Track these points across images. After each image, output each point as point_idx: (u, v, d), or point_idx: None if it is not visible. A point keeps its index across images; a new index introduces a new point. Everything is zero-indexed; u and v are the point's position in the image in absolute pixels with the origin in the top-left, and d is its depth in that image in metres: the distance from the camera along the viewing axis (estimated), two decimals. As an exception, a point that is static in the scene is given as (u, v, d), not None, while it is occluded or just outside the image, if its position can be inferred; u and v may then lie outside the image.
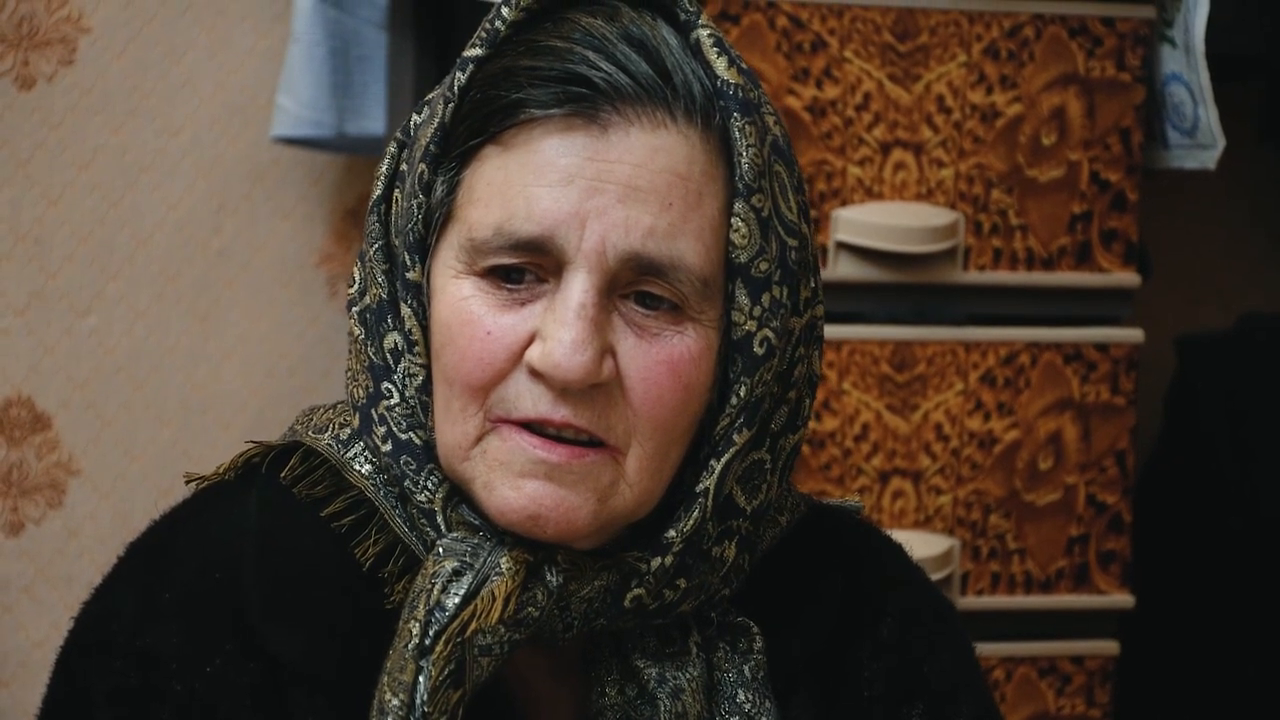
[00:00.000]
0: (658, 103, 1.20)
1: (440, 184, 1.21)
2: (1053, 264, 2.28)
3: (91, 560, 2.54)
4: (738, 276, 1.22)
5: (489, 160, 1.20)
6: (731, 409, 1.24)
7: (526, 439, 1.19)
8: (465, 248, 1.20)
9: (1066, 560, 2.29)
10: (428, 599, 1.20)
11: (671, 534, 1.23)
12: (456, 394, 1.20)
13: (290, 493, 1.27)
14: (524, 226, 1.18)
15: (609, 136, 1.19)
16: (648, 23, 1.22)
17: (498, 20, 1.22)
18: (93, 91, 2.52)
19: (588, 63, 1.19)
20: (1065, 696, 2.30)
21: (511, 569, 1.20)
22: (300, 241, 2.62)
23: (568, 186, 1.18)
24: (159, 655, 1.23)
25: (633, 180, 1.19)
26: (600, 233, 1.18)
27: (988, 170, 2.25)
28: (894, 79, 2.22)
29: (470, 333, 1.19)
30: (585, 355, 1.18)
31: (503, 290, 1.20)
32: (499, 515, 1.20)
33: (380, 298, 1.24)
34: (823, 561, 1.33)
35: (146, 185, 2.55)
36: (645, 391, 1.20)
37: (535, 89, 1.19)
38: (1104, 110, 2.28)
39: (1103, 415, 2.29)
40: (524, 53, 1.21)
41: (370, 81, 2.57)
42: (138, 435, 2.56)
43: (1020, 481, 2.27)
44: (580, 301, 1.18)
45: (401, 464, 1.23)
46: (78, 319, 2.53)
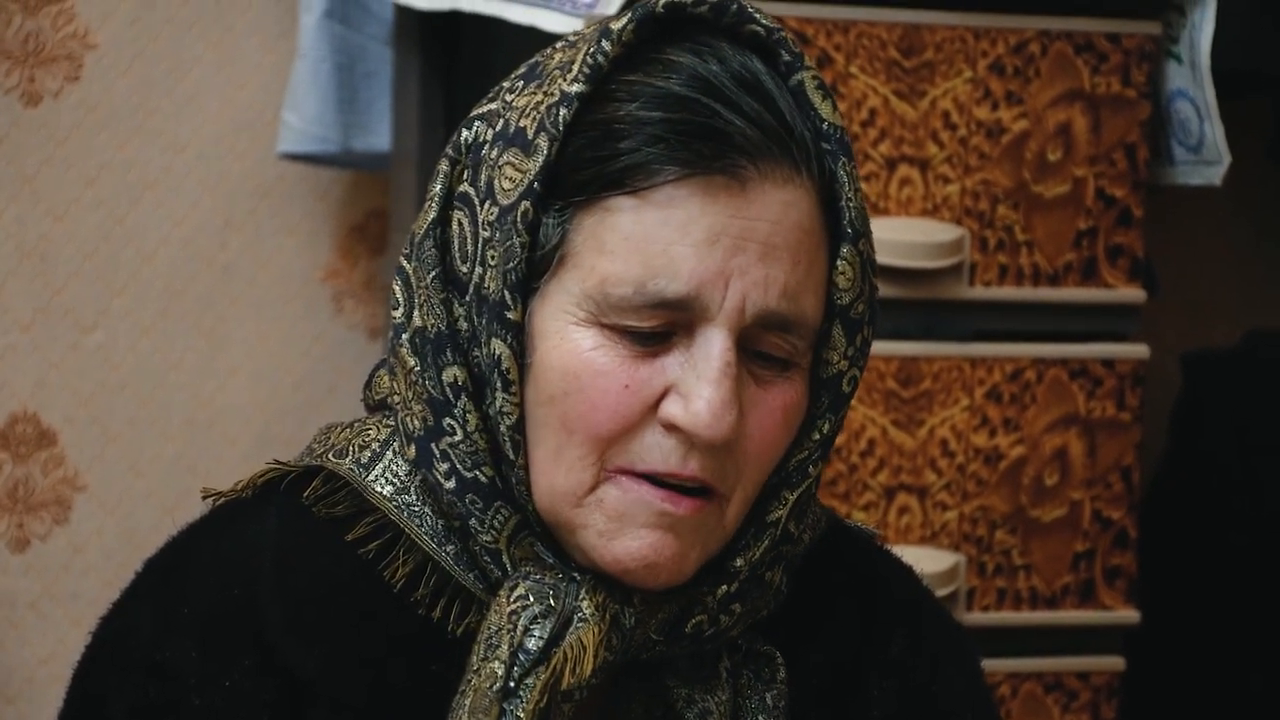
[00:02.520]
0: (784, 155, 1.20)
1: (553, 226, 1.20)
2: (1058, 280, 2.28)
3: (98, 576, 2.54)
4: (837, 318, 1.23)
5: (621, 212, 1.18)
6: (812, 443, 1.25)
7: (651, 491, 1.20)
8: (593, 298, 1.18)
9: (1072, 576, 2.29)
10: (511, 640, 1.20)
11: (739, 563, 1.24)
12: (576, 443, 1.19)
13: (308, 511, 1.26)
14: (670, 286, 1.18)
15: (747, 193, 1.19)
16: (754, 66, 1.21)
17: (598, 54, 1.20)
18: (98, 108, 2.52)
19: (720, 117, 1.18)
20: (1071, 713, 2.30)
21: (595, 615, 1.21)
22: (306, 257, 2.62)
23: (713, 245, 1.18)
24: (177, 670, 1.23)
25: (771, 238, 1.19)
26: (742, 291, 1.18)
27: (993, 186, 2.25)
28: (899, 95, 2.22)
29: (605, 385, 1.18)
30: (732, 414, 1.18)
31: (632, 341, 1.19)
32: (614, 563, 1.21)
33: (439, 329, 1.22)
34: (838, 581, 1.34)
35: (152, 201, 2.55)
36: (760, 441, 1.21)
37: (673, 144, 1.18)
38: (1109, 126, 2.28)
39: (1108, 431, 2.29)
40: (642, 98, 1.19)
41: (376, 98, 2.57)
42: (143, 451, 2.56)
43: (1026, 497, 2.27)
44: (726, 360, 1.18)
45: (466, 502, 1.22)
46: (83, 335, 2.53)
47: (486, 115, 1.25)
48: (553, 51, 1.25)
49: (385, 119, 2.57)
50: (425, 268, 1.23)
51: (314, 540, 1.26)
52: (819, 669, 1.30)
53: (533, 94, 1.22)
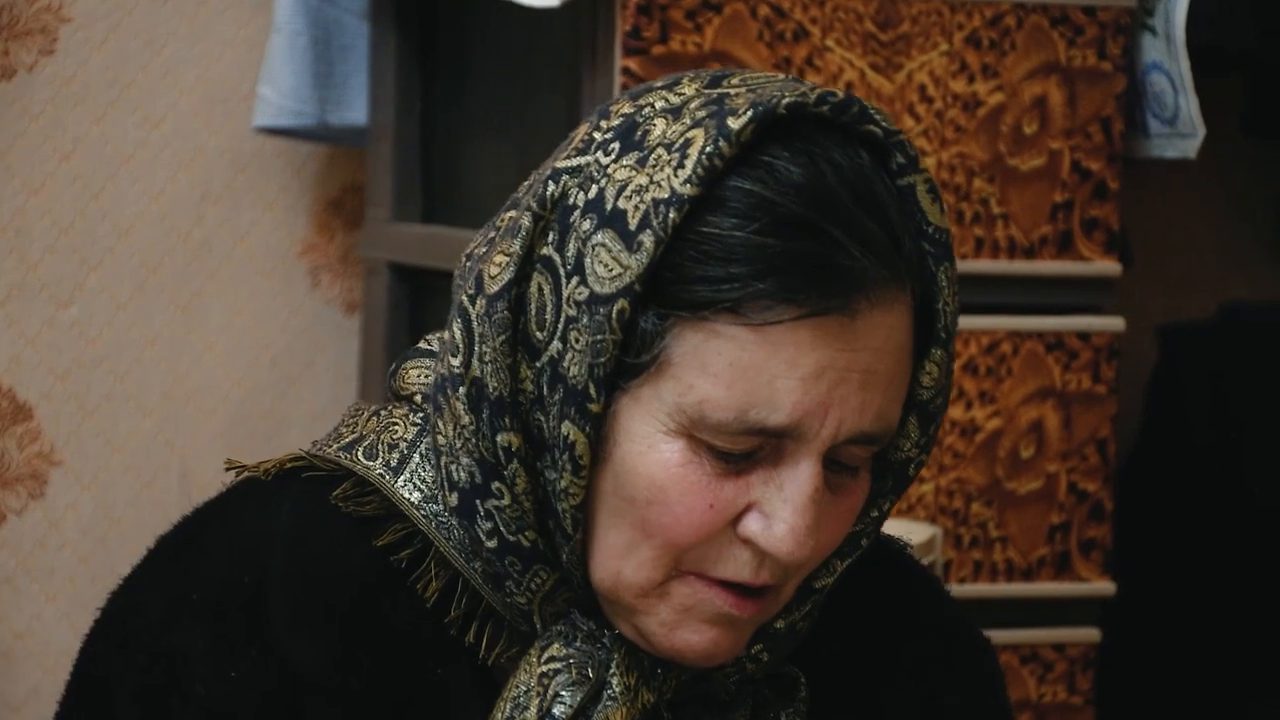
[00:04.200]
0: (894, 279, 1.17)
1: (651, 330, 1.16)
2: (1034, 253, 2.28)
3: (74, 551, 2.54)
4: (915, 411, 1.22)
5: (730, 339, 1.15)
6: (869, 520, 1.24)
7: (719, 595, 1.19)
8: (688, 415, 1.16)
9: (1048, 548, 2.29)
10: (540, 704, 1.21)
11: (780, 625, 1.24)
12: (653, 545, 1.18)
13: (326, 502, 1.25)
14: (772, 418, 1.15)
15: (856, 324, 1.16)
16: (866, 172, 1.17)
17: (715, 157, 1.14)
18: (73, 82, 2.52)
19: (839, 248, 1.15)
20: (1047, 684, 2.30)
21: (625, 696, 1.21)
22: (283, 232, 2.62)
23: (819, 380, 1.15)
24: (185, 656, 1.22)
25: (873, 365, 1.17)
26: (839, 419, 1.17)
27: (969, 159, 2.25)
28: (876, 68, 2.22)
29: (691, 502, 1.17)
30: (814, 540, 1.17)
31: (718, 458, 1.17)
32: (670, 650, 1.21)
33: (501, 394, 1.19)
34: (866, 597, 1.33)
35: (128, 176, 2.55)
36: (828, 541, 1.21)
37: (789, 282, 1.14)
38: (1085, 99, 2.28)
39: (1084, 404, 2.29)
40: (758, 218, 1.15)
41: (352, 72, 2.56)
42: (120, 426, 2.55)
43: (1002, 470, 2.27)
44: (815, 486, 1.17)
45: (505, 563, 1.21)
46: (59, 310, 2.53)
47: (576, 172, 1.19)
48: (653, 114, 1.19)
49: (362, 93, 2.56)
50: (496, 329, 1.18)
51: (328, 531, 1.25)
52: (841, 686, 1.30)
53: (634, 170, 1.16)
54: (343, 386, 2.64)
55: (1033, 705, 2.30)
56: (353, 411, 1.30)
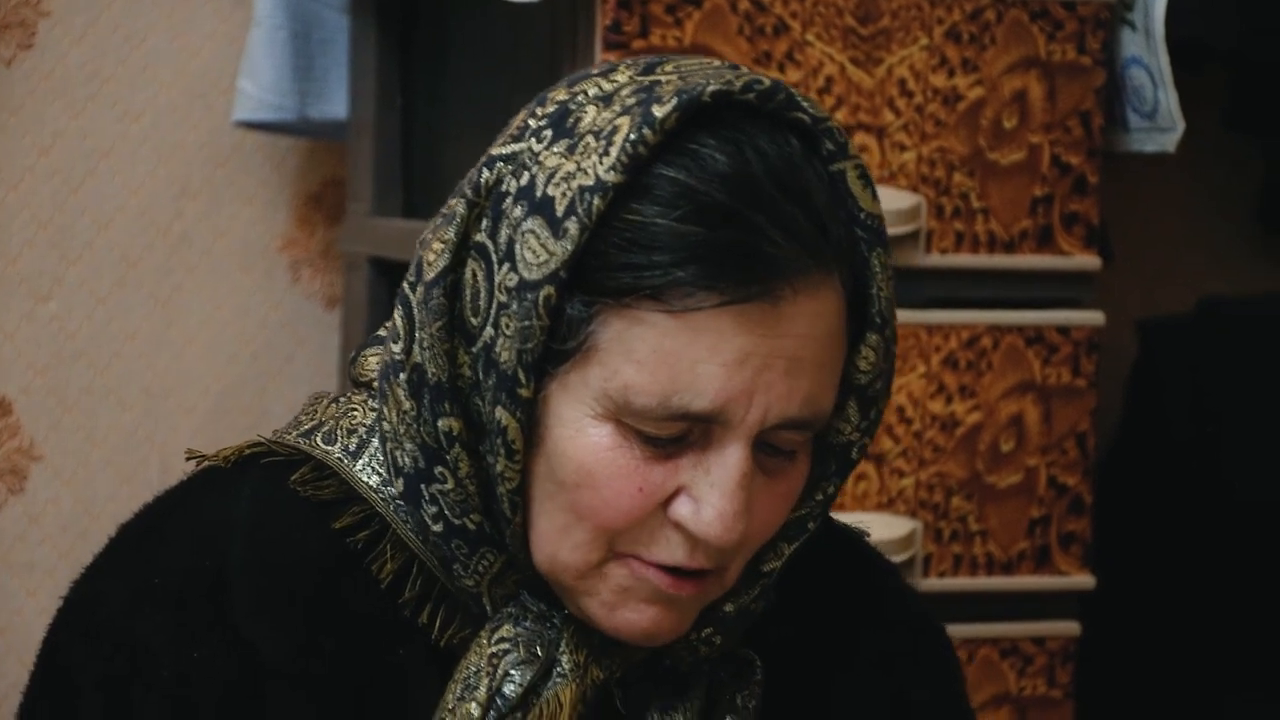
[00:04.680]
0: (820, 265, 1.18)
1: (578, 317, 1.17)
2: (1014, 247, 2.28)
3: (53, 546, 2.54)
4: (853, 394, 1.23)
5: (653, 325, 1.16)
6: (814, 503, 1.25)
7: (656, 576, 1.20)
8: (614, 400, 1.17)
9: (1028, 542, 2.30)
10: (490, 684, 1.22)
11: (729, 609, 1.25)
12: (585, 528, 1.20)
13: (283, 487, 1.26)
14: (695, 403, 1.16)
15: (780, 311, 1.17)
16: (794, 158, 1.18)
17: (639, 144, 1.16)
18: (52, 76, 2.51)
19: (762, 236, 1.15)
20: (1027, 677, 2.31)
21: (575, 673, 1.22)
22: (263, 227, 2.61)
23: (742, 366, 1.16)
24: (148, 643, 1.23)
25: (798, 352, 1.18)
26: (765, 405, 1.17)
27: (949, 153, 2.26)
28: (856, 62, 2.23)
29: (619, 486, 1.18)
30: (743, 524, 1.18)
31: (646, 443, 1.18)
32: (612, 630, 1.22)
33: (439, 379, 1.20)
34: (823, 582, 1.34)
35: (107, 170, 2.54)
36: (764, 525, 1.22)
37: (711, 270, 1.15)
38: (1065, 93, 2.28)
39: (1064, 398, 2.30)
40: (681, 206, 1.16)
41: (332, 66, 2.56)
42: (99, 421, 2.55)
43: (982, 464, 2.28)
44: (743, 471, 1.18)
45: (452, 547, 1.23)
46: (38, 304, 2.53)
47: (510, 159, 1.21)
48: (585, 101, 1.20)
49: (342, 87, 2.56)
50: (432, 315, 1.20)
51: (287, 515, 1.26)
52: (797, 670, 1.31)
53: (563, 158, 1.18)
54: (323, 381, 2.64)
55: (1012, 699, 2.30)
56: (312, 400, 1.32)
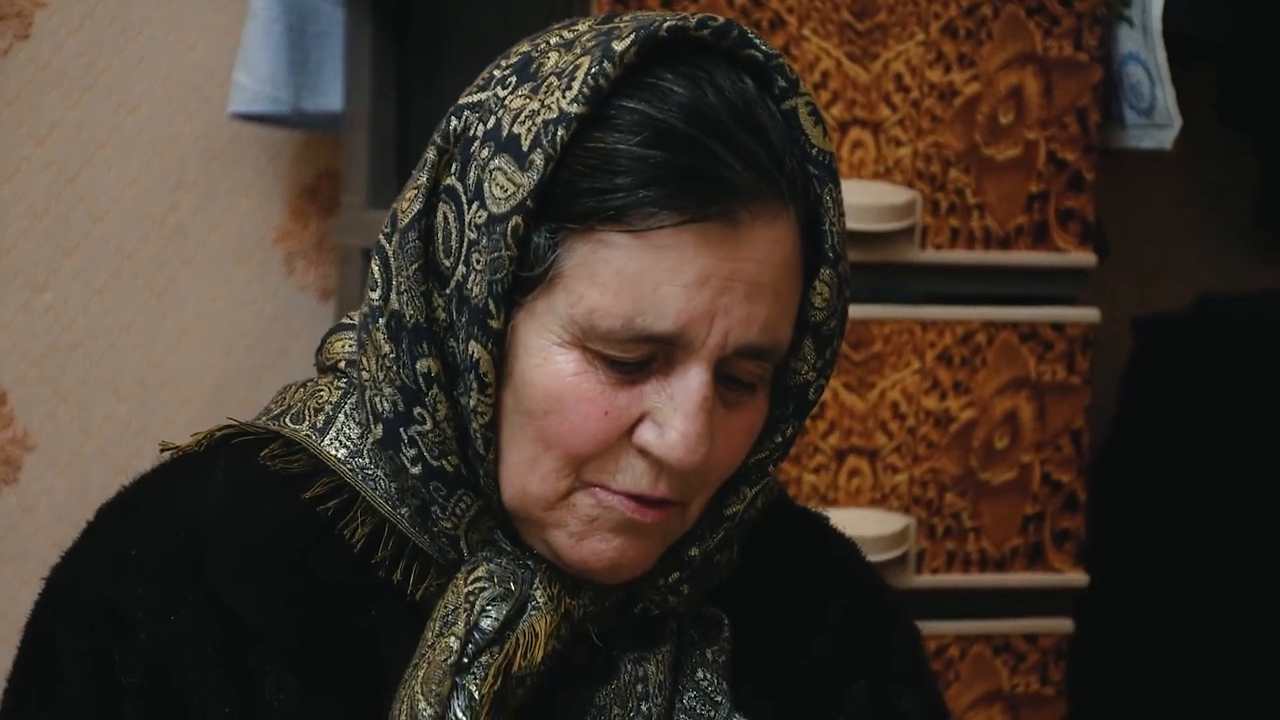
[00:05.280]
0: (775, 194, 1.21)
1: (544, 245, 1.21)
2: (1009, 243, 2.28)
3: (47, 536, 2.54)
4: (809, 333, 1.26)
5: (615, 247, 1.20)
6: (773, 445, 1.28)
7: (622, 502, 1.23)
8: (579, 324, 1.21)
9: (1021, 539, 2.30)
10: (467, 618, 1.24)
11: (694, 552, 1.28)
12: (553, 456, 1.23)
13: (255, 463, 1.29)
14: (657, 324, 1.20)
15: (739, 234, 1.20)
16: (749, 93, 1.22)
17: (600, 77, 1.20)
18: (48, 67, 2.51)
19: (719, 160, 1.19)
20: (1019, 674, 2.31)
21: (549, 605, 1.25)
22: (258, 219, 2.61)
23: (702, 287, 1.20)
24: (125, 609, 1.25)
25: (756, 276, 1.21)
26: (725, 328, 1.21)
27: (945, 149, 2.25)
28: (852, 57, 2.22)
29: (586, 410, 1.21)
30: (705, 447, 1.21)
31: (612, 368, 1.21)
32: (579, 562, 1.24)
33: (417, 321, 1.23)
34: (785, 551, 1.37)
35: (103, 161, 2.54)
36: (725, 458, 1.25)
37: (671, 189, 1.19)
38: (1061, 90, 2.28)
39: (1058, 394, 2.30)
40: (641, 132, 1.20)
41: (327, 58, 2.56)
42: (94, 411, 2.55)
43: (976, 460, 2.27)
44: (704, 395, 1.21)
45: (430, 489, 1.25)
46: (34, 295, 2.53)
47: (476, 106, 1.25)
48: (547, 49, 1.25)
49: (337, 79, 2.56)
50: (408, 258, 1.24)
51: (258, 489, 1.29)
52: (763, 630, 1.33)
53: (527, 98, 1.22)
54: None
55: (1005, 696, 2.30)
56: (281, 390, 1.35)
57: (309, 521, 1.28)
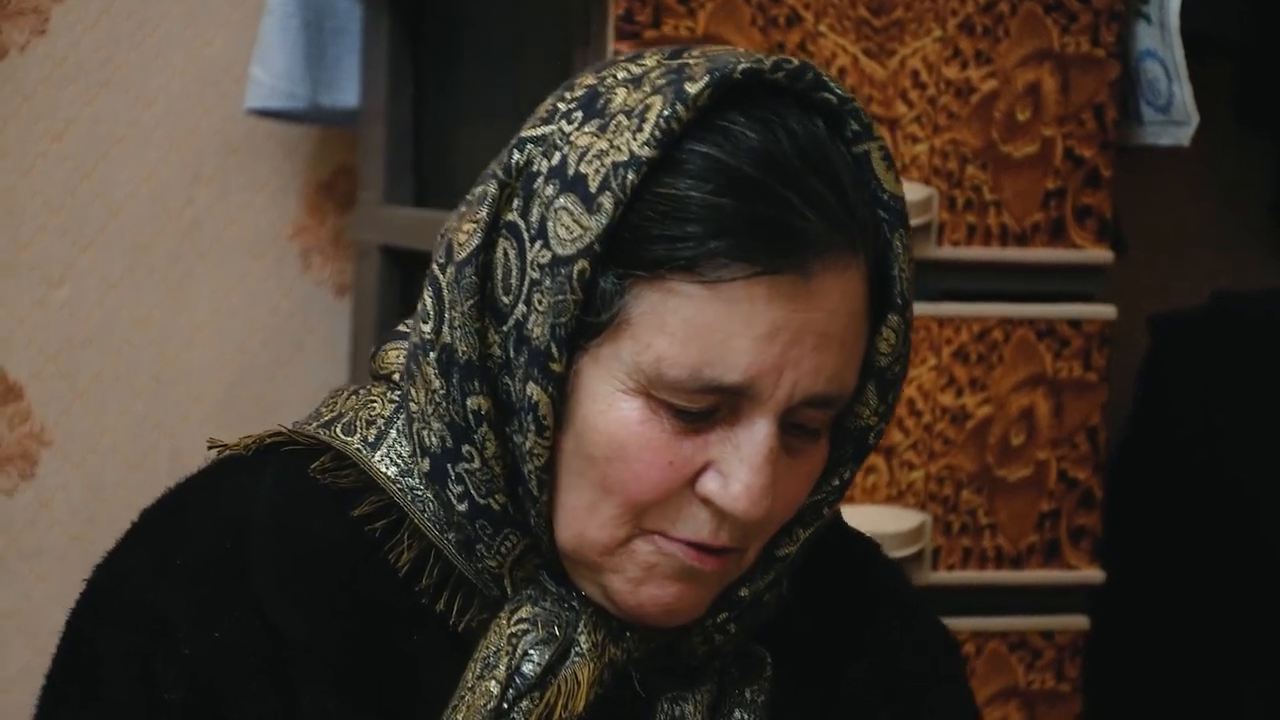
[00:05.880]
0: (846, 243, 1.19)
1: (610, 290, 1.19)
2: (1026, 240, 2.28)
3: (64, 531, 2.54)
4: (873, 377, 1.24)
5: (685, 297, 1.18)
6: (830, 488, 1.27)
7: (682, 550, 1.22)
8: (646, 373, 1.19)
9: (1037, 536, 2.29)
10: (509, 662, 1.23)
11: (744, 593, 1.26)
12: (614, 503, 1.21)
13: (305, 473, 1.28)
14: (726, 375, 1.18)
15: (810, 285, 1.18)
16: (821, 138, 1.20)
17: (672, 120, 1.17)
18: (65, 62, 2.51)
19: (792, 210, 1.17)
20: (1035, 671, 2.31)
21: (593, 652, 1.24)
22: (274, 214, 2.62)
23: (773, 340, 1.18)
24: (168, 617, 1.24)
25: (827, 327, 1.19)
26: (793, 380, 1.19)
27: (962, 146, 2.25)
28: (869, 54, 2.22)
29: (650, 459, 1.19)
30: (769, 500, 1.20)
31: (677, 417, 1.20)
32: (636, 608, 1.23)
33: (470, 357, 1.21)
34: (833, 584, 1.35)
35: (119, 156, 2.54)
36: (786, 505, 1.23)
37: (744, 240, 1.17)
38: (1078, 86, 2.28)
39: (1075, 391, 2.30)
40: (713, 179, 1.18)
41: (344, 53, 2.56)
42: (110, 406, 2.55)
43: (992, 457, 2.27)
44: (770, 446, 1.19)
45: (476, 526, 1.24)
46: (50, 290, 2.53)
47: (540, 141, 1.23)
48: (614, 84, 1.22)
49: (353, 75, 2.56)
50: (464, 294, 1.21)
51: (308, 502, 1.27)
52: (806, 667, 1.32)
53: (594, 137, 1.20)
54: (333, 369, 2.64)
55: (1021, 692, 2.30)
56: (333, 393, 1.33)
57: (357, 539, 1.26)
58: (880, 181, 1.22)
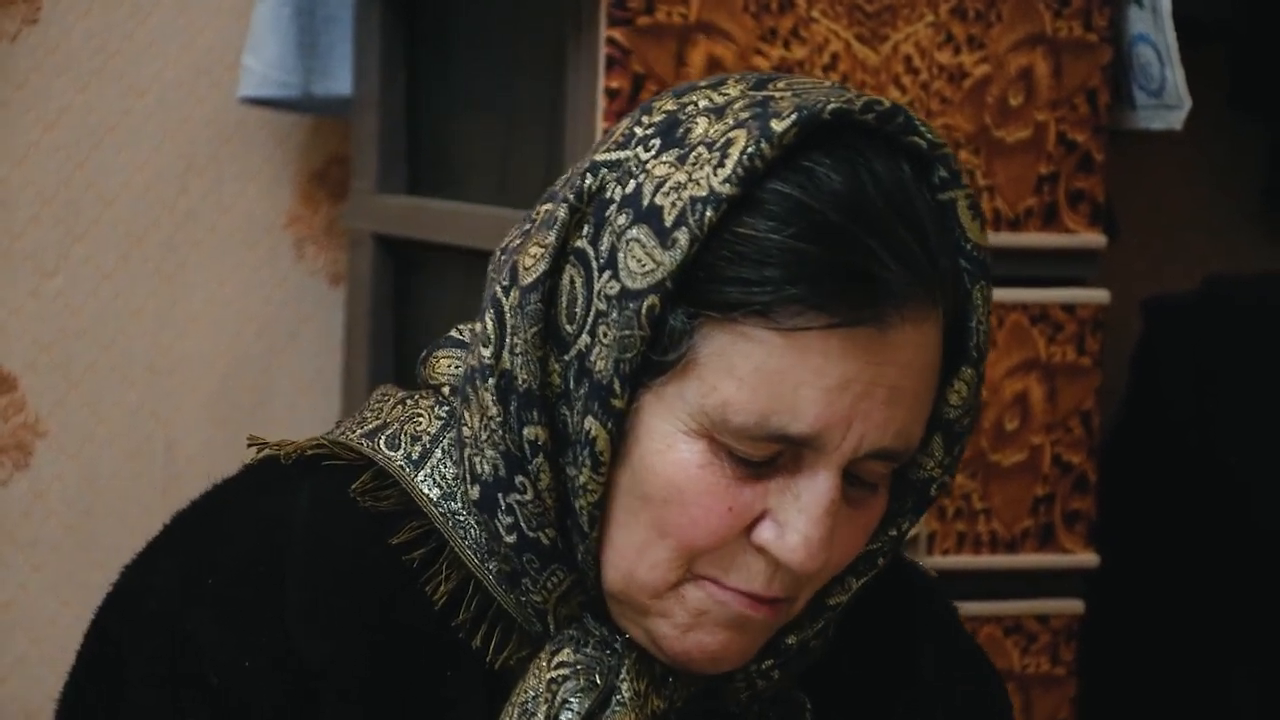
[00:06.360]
0: (927, 295, 1.16)
1: (679, 329, 1.15)
2: (1020, 225, 2.28)
3: (59, 522, 2.54)
4: (940, 429, 1.21)
5: (758, 341, 1.14)
6: (887, 539, 1.23)
7: (734, 599, 1.19)
8: (710, 416, 1.15)
9: (1032, 520, 2.30)
10: (547, 710, 1.20)
11: (791, 640, 1.24)
12: (668, 546, 1.18)
13: (345, 493, 1.24)
14: (794, 426, 1.15)
15: (887, 338, 1.15)
16: (907, 184, 1.16)
17: (756, 158, 1.14)
18: (57, 51, 2.51)
19: (874, 259, 1.13)
20: (1030, 655, 2.31)
21: (635, 701, 1.21)
22: (267, 203, 2.61)
23: (844, 391, 1.14)
24: (197, 642, 1.21)
25: (899, 381, 1.16)
26: (861, 433, 1.16)
27: (955, 131, 2.25)
28: (861, 39, 2.22)
29: (709, 504, 1.16)
30: (826, 553, 1.17)
31: (738, 463, 1.17)
32: (682, 654, 1.20)
33: (530, 386, 1.18)
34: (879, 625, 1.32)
35: (112, 146, 2.54)
36: (842, 556, 1.20)
37: (823, 289, 1.13)
38: (1071, 71, 2.28)
39: (1068, 376, 2.30)
40: (794, 222, 1.14)
41: (336, 42, 2.56)
42: (104, 397, 2.55)
43: (986, 442, 2.28)
44: (832, 499, 1.16)
45: (524, 560, 1.21)
46: (43, 280, 2.53)
47: (614, 166, 1.18)
48: (695, 112, 1.18)
49: (346, 63, 2.56)
50: (528, 321, 1.18)
51: (347, 525, 1.24)
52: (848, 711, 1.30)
53: (673, 168, 1.16)
54: (327, 358, 2.64)
55: (1016, 676, 2.30)
56: (379, 396, 1.29)
57: (394, 567, 1.23)
58: (965, 231, 1.18)
